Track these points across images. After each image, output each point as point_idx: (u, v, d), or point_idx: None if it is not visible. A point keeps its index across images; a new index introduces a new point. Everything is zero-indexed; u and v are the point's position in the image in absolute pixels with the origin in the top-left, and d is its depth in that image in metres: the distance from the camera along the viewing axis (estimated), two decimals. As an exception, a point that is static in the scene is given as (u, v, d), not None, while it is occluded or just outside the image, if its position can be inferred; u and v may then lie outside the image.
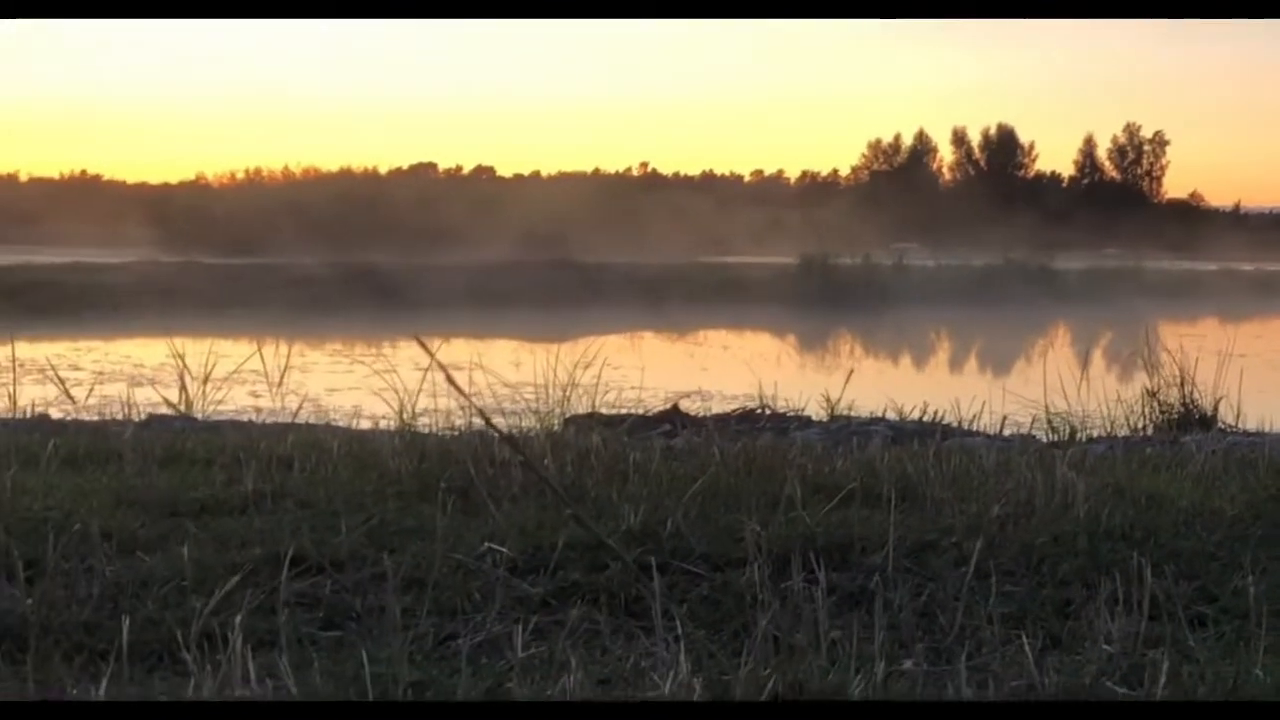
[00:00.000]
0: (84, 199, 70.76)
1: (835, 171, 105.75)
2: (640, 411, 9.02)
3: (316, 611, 3.95)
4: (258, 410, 8.95)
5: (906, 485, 5.42)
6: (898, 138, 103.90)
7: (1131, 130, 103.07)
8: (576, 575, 4.22)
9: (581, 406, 7.90)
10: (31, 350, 16.30)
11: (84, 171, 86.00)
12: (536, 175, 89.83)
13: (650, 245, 51.51)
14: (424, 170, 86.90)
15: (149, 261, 40.54)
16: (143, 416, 7.80)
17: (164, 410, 8.03)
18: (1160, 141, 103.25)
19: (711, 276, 41.60)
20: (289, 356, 8.84)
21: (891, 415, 8.95)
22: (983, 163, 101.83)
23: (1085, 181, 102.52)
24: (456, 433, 6.63)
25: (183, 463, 5.99)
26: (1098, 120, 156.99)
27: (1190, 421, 9.32)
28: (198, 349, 8.87)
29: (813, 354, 28.18)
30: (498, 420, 6.22)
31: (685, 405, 10.09)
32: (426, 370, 6.60)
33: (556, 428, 7.11)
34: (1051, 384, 8.91)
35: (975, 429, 8.53)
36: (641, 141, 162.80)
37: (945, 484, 5.48)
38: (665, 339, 30.57)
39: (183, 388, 8.01)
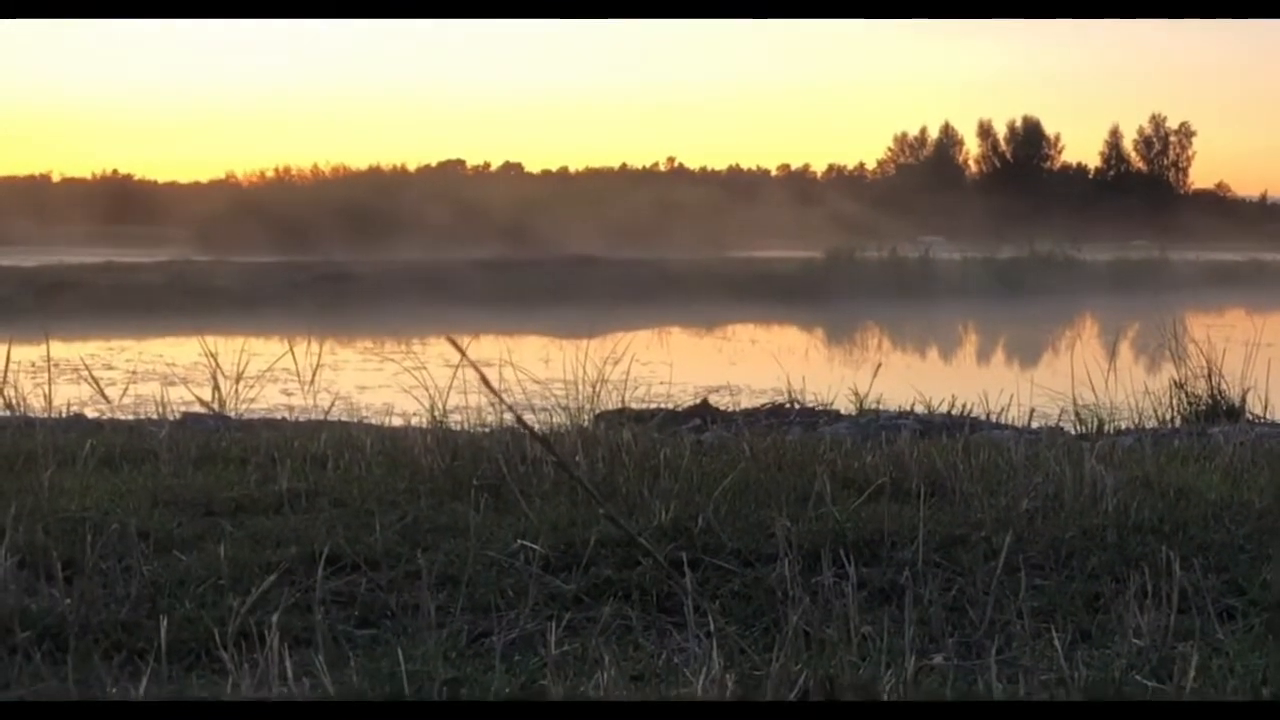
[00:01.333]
0: (115, 199, 71.12)
1: (861, 165, 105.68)
2: (670, 407, 9.04)
3: (352, 610, 3.99)
4: (290, 408, 8.99)
5: (935, 479, 5.43)
6: (924, 131, 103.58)
7: (1157, 121, 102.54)
8: (609, 572, 4.25)
9: (611, 402, 7.90)
10: (65, 350, 16.35)
11: (115, 171, 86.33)
12: (565, 171, 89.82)
13: (677, 240, 51.45)
14: (452, 167, 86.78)
15: (180, 260, 40.66)
16: (177, 416, 7.84)
17: (198, 409, 8.07)
18: (1186, 132, 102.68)
19: (739, 271, 41.45)
20: (320, 354, 8.85)
21: (920, 409, 8.96)
22: (1009, 155, 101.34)
23: (1111, 173, 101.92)
24: (488, 430, 6.65)
25: (218, 462, 6.04)
26: (1124, 111, 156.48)
27: (1218, 413, 9.31)
28: (230, 347, 8.89)
29: (840, 347, 28.10)
30: (528, 417, 6.25)
31: (715, 400, 10.12)
32: (457, 367, 6.62)
33: (587, 424, 7.13)
34: (1079, 376, 8.89)
35: (1003, 422, 8.53)
36: (668, 137, 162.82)
37: (974, 478, 5.49)
38: (693, 334, 30.52)
39: (216, 386, 8.04)
